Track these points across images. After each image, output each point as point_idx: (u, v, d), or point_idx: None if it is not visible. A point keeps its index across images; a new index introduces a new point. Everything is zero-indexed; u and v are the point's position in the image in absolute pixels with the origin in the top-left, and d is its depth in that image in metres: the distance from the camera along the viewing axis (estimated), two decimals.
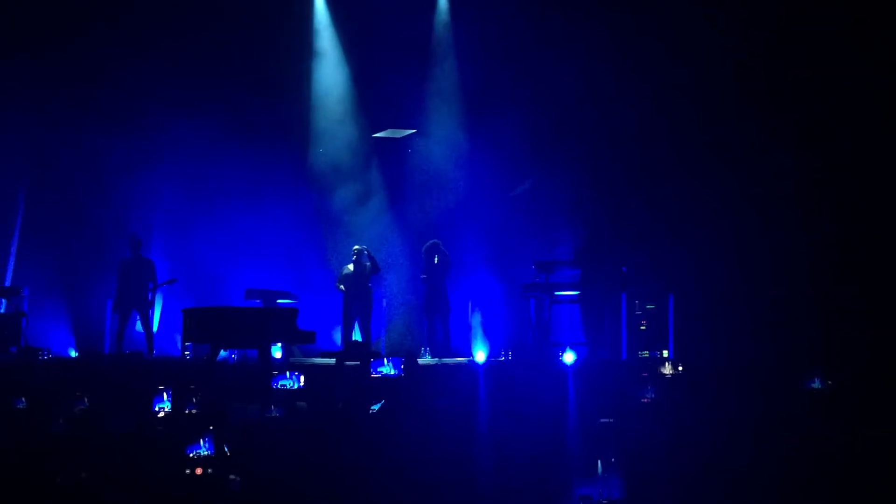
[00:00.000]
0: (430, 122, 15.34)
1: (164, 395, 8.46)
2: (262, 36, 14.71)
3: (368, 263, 13.64)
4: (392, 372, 9.23)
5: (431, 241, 13.70)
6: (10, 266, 14.52)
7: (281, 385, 8.80)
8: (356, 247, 13.82)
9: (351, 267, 13.67)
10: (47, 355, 12.20)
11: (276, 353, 12.78)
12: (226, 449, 7.67)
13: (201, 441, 7.31)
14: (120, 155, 14.59)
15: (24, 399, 9.38)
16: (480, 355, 12.49)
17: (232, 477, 7.05)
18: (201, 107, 14.56)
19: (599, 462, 6.78)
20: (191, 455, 7.29)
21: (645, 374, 10.31)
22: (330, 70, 15.61)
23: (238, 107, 14.76)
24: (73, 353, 13.92)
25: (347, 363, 10.54)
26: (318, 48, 15.58)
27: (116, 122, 14.57)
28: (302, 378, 8.83)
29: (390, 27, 14.65)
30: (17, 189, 14.80)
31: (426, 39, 15.37)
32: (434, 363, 12.09)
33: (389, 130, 15.69)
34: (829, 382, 9.12)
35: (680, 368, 10.81)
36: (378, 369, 9.25)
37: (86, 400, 9.40)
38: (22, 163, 14.67)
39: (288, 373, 8.83)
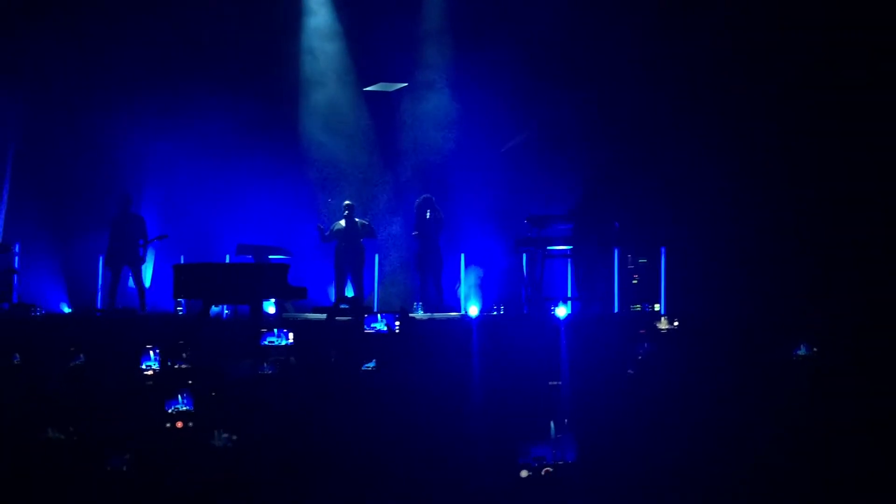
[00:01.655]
0: (421, 76, 15.21)
1: (152, 354, 8.45)
2: None
3: (359, 219, 13.63)
4: (385, 328, 9.24)
5: (423, 196, 13.63)
6: (0, 223, 14.49)
7: (269, 342, 8.80)
8: (347, 202, 13.78)
9: (343, 223, 13.63)
10: (39, 311, 12.21)
11: (270, 308, 12.83)
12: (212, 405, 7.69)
13: (179, 396, 7.32)
14: (110, 111, 14.49)
15: (18, 355, 9.39)
16: (473, 310, 12.51)
17: (226, 436, 7.06)
18: (192, 63, 14.49)
19: (552, 424, 6.73)
20: (170, 410, 7.30)
21: (642, 331, 10.27)
22: (320, 25, 15.44)
23: (228, 61, 14.65)
24: (66, 309, 13.93)
25: (338, 318, 10.56)
26: (307, 4, 15.41)
27: (107, 80, 14.48)
28: (291, 335, 8.83)
29: None
30: (6, 146, 14.70)
31: None
32: (426, 318, 12.11)
33: (380, 84, 15.55)
34: (815, 350, 8.94)
35: (676, 323, 10.77)
36: (371, 325, 9.26)
37: (81, 356, 9.42)
38: (11, 120, 14.56)
39: (276, 330, 8.83)
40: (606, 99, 13.60)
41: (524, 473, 6.46)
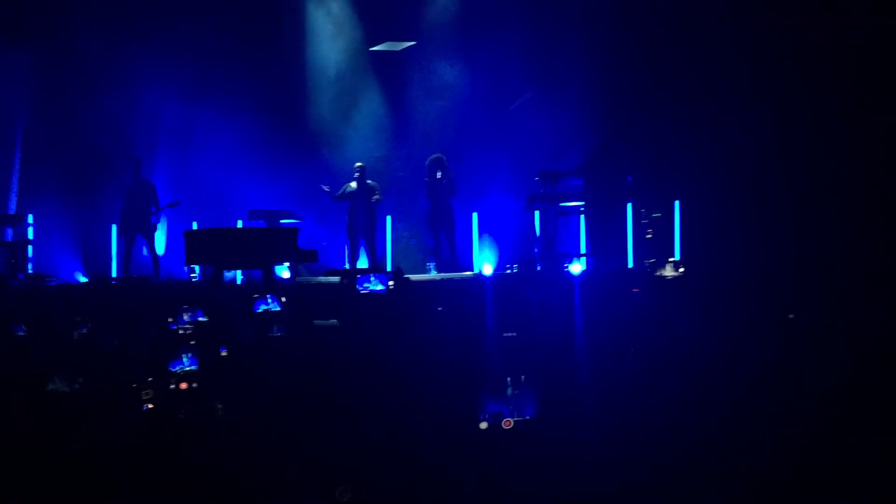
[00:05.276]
0: (429, 35, 14.99)
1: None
2: None
3: (370, 181, 13.53)
4: (379, 288, 9.15)
5: (434, 156, 13.46)
6: (12, 194, 14.56)
7: (262, 309, 8.75)
8: (359, 163, 13.66)
9: (354, 185, 13.53)
10: (54, 281, 12.29)
11: (284, 272, 12.80)
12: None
13: (184, 357, 7.28)
14: (122, 76, 14.47)
15: (24, 326, 9.45)
16: (487, 268, 12.39)
17: (219, 406, 7.02)
18: (202, 29, 14.40)
19: (509, 380, 6.63)
20: (175, 370, 7.27)
21: (636, 290, 10.05)
22: None
23: (236, 24, 14.54)
24: (82, 279, 14.02)
25: (345, 281, 10.49)
26: None
27: (116, 45, 14.42)
28: (283, 299, 8.77)
29: None
30: (16, 116, 14.73)
31: None
32: (438, 278, 12.02)
33: (387, 43, 15.33)
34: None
35: (681, 270, 10.50)
36: (364, 285, 9.17)
37: (88, 325, 9.45)
38: (20, 89, 14.57)
39: (269, 297, 8.77)
40: (617, 48, 13.28)
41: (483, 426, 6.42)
